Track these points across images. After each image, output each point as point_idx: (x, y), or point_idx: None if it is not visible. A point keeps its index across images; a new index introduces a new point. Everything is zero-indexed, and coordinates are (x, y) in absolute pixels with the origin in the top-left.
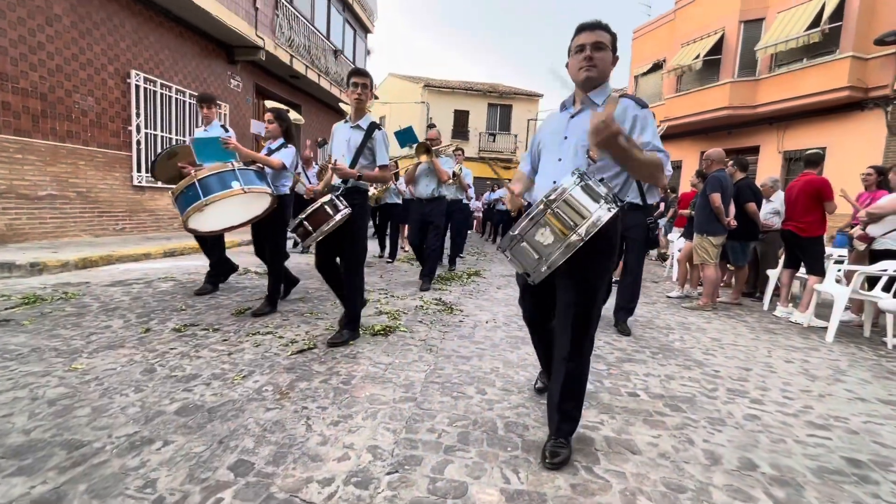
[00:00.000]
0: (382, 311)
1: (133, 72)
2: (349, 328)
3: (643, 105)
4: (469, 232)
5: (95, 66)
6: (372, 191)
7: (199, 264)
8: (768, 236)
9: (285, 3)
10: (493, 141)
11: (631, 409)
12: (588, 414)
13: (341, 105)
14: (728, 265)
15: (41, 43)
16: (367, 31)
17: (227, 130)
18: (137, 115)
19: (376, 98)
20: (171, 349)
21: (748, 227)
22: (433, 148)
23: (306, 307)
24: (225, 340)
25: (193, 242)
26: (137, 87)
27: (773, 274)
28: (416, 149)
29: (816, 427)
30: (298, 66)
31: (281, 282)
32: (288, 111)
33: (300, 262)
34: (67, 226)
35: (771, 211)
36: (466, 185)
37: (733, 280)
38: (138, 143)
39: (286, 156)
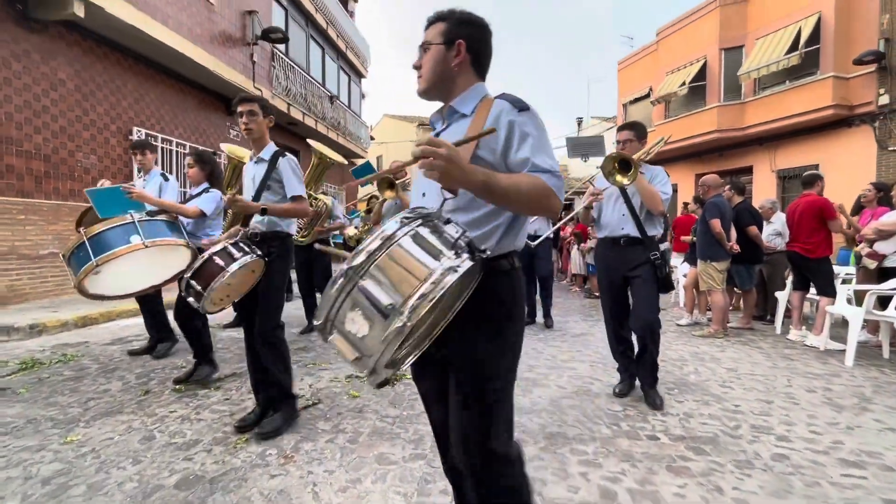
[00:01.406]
0: None
1: (135, 128)
2: (283, 408)
3: (522, 107)
4: None
5: (98, 125)
6: (352, 231)
7: None
8: (773, 258)
9: (281, 54)
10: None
11: (652, 454)
12: (608, 463)
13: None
14: (735, 289)
15: (45, 107)
16: (360, 76)
17: (166, 178)
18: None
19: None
20: (171, 412)
21: (751, 251)
22: (398, 182)
23: (309, 357)
24: (227, 399)
25: None
26: None
27: (782, 296)
28: (378, 185)
29: (850, 465)
30: (296, 114)
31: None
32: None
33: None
34: (68, 283)
35: (772, 232)
36: None
37: (741, 303)
38: None
39: (207, 202)
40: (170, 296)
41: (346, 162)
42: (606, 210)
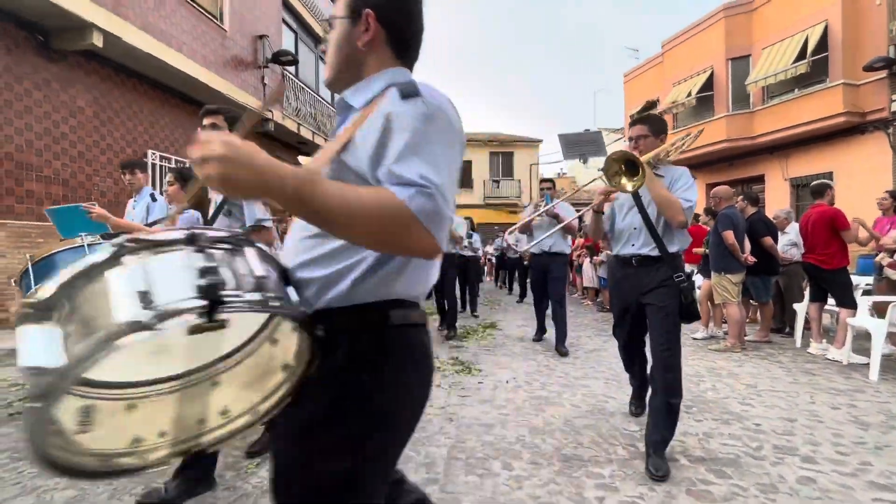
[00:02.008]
0: None
1: (150, 151)
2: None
3: (409, 93)
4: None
5: (115, 149)
6: None
7: None
8: (789, 269)
9: (291, 76)
10: (498, 187)
11: (671, 477)
12: (626, 487)
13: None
14: (751, 301)
15: (64, 133)
16: None
17: (154, 199)
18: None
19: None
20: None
21: (767, 262)
22: None
23: None
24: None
25: None
26: (153, 164)
27: (800, 308)
28: None
29: (880, 488)
30: (306, 133)
31: None
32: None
33: None
34: None
35: (788, 243)
36: (458, 237)
37: (758, 315)
38: None
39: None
40: None
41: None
42: (618, 221)
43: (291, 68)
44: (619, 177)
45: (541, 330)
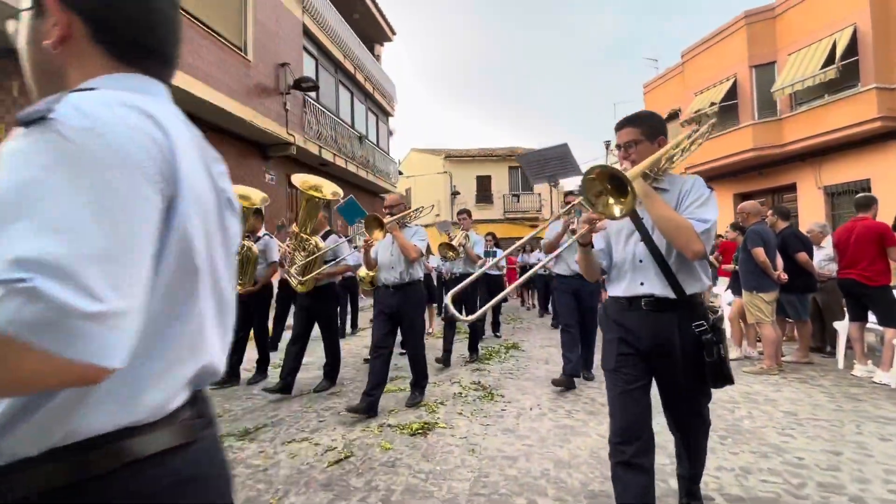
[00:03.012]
0: (419, 403)
1: None
2: None
3: (31, 120)
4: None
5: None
6: (363, 272)
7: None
8: (827, 285)
9: (312, 101)
10: (518, 201)
11: None
12: None
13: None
14: (787, 319)
15: None
16: (388, 115)
17: None
18: None
19: (400, 173)
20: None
21: (803, 279)
22: (387, 221)
23: (342, 402)
24: (261, 452)
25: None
26: None
27: (841, 327)
28: (365, 225)
29: None
30: (327, 155)
31: None
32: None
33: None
34: None
35: (824, 258)
36: (475, 257)
37: (796, 333)
38: None
39: None
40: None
41: (341, 193)
42: (616, 252)
43: (312, 93)
44: (605, 198)
45: (573, 371)
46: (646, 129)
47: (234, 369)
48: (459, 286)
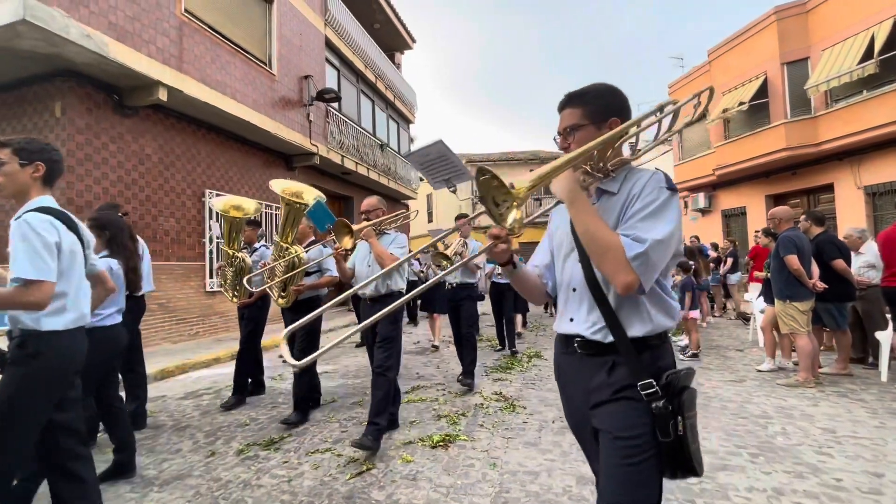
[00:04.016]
0: (441, 415)
1: (207, 191)
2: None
3: None
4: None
5: (176, 191)
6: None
7: (268, 366)
8: (868, 293)
9: (334, 111)
10: (540, 206)
11: None
12: None
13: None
14: (825, 328)
15: (135, 179)
16: (408, 122)
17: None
18: (210, 227)
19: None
20: (235, 477)
21: (841, 287)
22: (356, 227)
23: (364, 412)
24: (285, 462)
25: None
26: (209, 203)
27: (883, 337)
28: (334, 231)
29: None
30: (349, 164)
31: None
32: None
33: (361, 359)
34: (150, 336)
35: (864, 265)
36: (473, 267)
37: (835, 343)
38: (210, 252)
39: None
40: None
41: (324, 198)
42: (557, 272)
43: (335, 104)
44: (509, 202)
45: None
46: (591, 109)
47: (257, 379)
48: (300, 322)
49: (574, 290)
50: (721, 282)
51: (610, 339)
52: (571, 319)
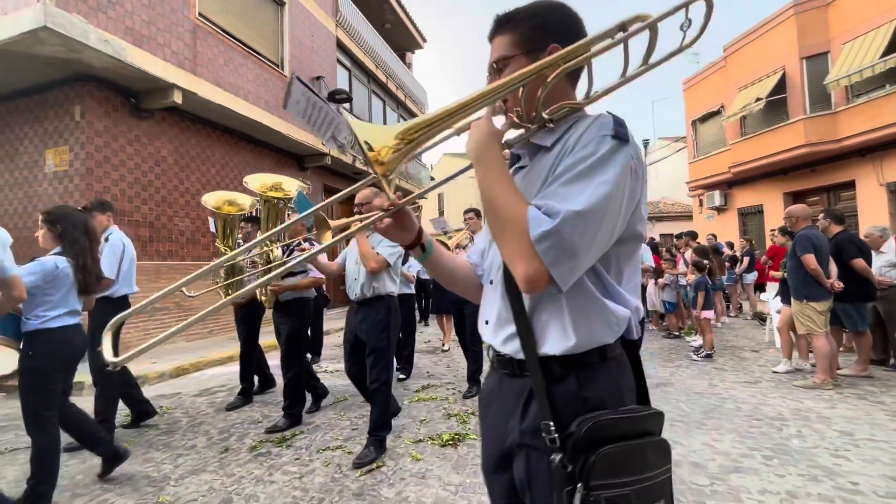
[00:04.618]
0: (451, 414)
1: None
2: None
3: None
4: None
5: (192, 192)
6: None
7: (273, 364)
8: (889, 293)
9: (346, 111)
10: None
11: None
12: None
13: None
14: (843, 329)
15: (151, 181)
16: None
17: (106, 240)
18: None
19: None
20: (248, 473)
21: (861, 287)
22: (336, 223)
23: None
24: (297, 459)
25: (271, 340)
26: None
27: None
28: (315, 226)
29: None
30: (360, 165)
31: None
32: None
33: None
34: None
35: (885, 264)
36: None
37: (854, 344)
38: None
39: (30, 272)
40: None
41: (307, 186)
42: (485, 262)
43: (346, 105)
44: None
45: None
46: (522, 33)
47: (265, 374)
48: (120, 316)
49: (491, 281)
50: (737, 281)
51: (520, 355)
52: (486, 322)
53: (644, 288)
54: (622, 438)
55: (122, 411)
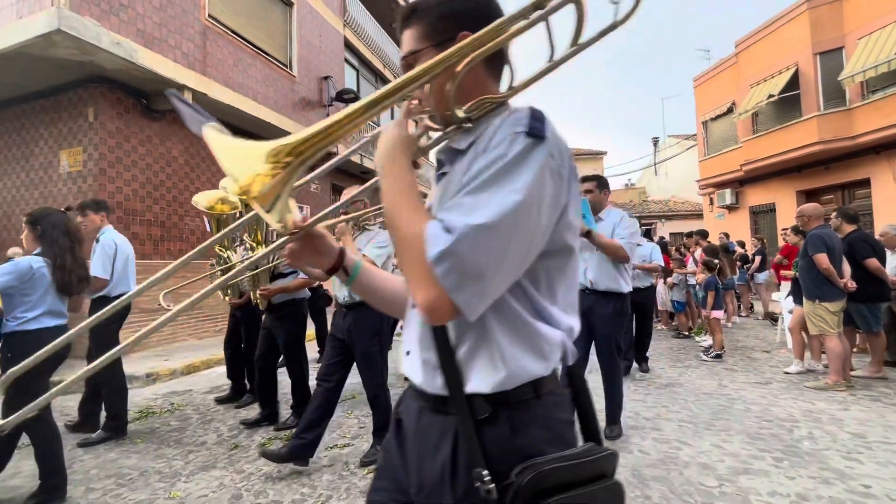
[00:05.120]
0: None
1: None
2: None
3: None
4: None
5: (202, 191)
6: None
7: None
8: None
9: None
10: None
11: None
12: None
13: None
14: (857, 329)
15: (162, 181)
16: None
17: (97, 240)
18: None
19: None
20: (258, 470)
21: (874, 287)
22: (334, 221)
23: None
24: None
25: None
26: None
27: None
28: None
29: None
30: (368, 164)
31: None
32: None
33: None
34: (177, 332)
35: None
36: None
37: (868, 345)
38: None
39: (3, 272)
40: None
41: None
42: None
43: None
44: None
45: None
46: (429, 26)
47: (240, 383)
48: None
49: (414, 305)
50: (747, 280)
51: (443, 391)
52: (408, 353)
53: (654, 287)
54: (570, 486)
55: (134, 408)
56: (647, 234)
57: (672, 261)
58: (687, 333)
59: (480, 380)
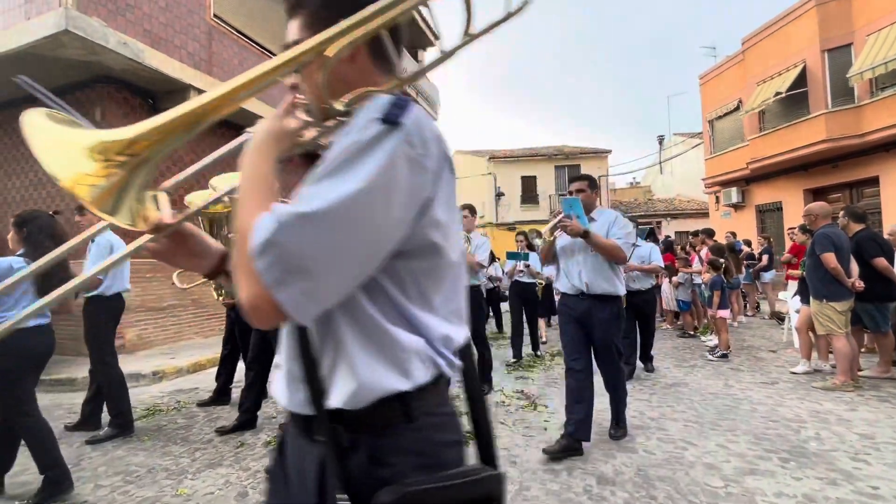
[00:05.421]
0: (461, 412)
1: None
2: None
3: None
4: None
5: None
6: None
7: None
8: None
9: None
10: None
11: None
12: None
13: None
14: (865, 329)
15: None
16: (432, 119)
17: (92, 240)
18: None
19: None
20: (263, 467)
21: (883, 286)
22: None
23: None
24: None
25: None
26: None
27: None
28: None
29: None
30: None
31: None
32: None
33: None
34: (184, 331)
35: None
36: (476, 264)
37: (876, 345)
38: None
39: None
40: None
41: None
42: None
43: None
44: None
45: (577, 433)
46: (311, 15)
47: (226, 388)
48: None
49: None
50: (753, 280)
51: (309, 410)
52: (278, 366)
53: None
54: None
55: (138, 406)
56: (652, 233)
57: (677, 260)
58: (692, 333)
59: (337, 393)
